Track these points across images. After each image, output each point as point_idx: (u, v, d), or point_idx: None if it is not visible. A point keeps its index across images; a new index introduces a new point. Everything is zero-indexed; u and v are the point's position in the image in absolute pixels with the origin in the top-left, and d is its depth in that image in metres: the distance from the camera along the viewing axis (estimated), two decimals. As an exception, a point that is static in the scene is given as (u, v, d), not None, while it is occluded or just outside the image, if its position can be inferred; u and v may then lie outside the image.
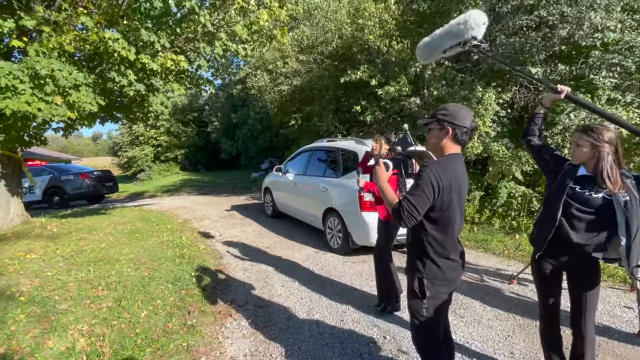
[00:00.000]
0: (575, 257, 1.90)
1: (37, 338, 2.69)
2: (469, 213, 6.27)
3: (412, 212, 1.55)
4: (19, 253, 4.34)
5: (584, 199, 1.84)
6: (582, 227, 1.84)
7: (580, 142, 1.85)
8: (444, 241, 1.68)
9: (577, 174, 1.90)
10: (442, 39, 2.19)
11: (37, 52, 3.79)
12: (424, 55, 2.36)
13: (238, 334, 2.95)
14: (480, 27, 2.06)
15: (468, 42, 2.08)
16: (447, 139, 1.66)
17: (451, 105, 1.69)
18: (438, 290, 1.70)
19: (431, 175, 1.57)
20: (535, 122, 2.17)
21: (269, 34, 5.56)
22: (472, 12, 2.09)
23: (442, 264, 1.69)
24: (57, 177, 11.22)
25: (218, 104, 25.27)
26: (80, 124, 5.15)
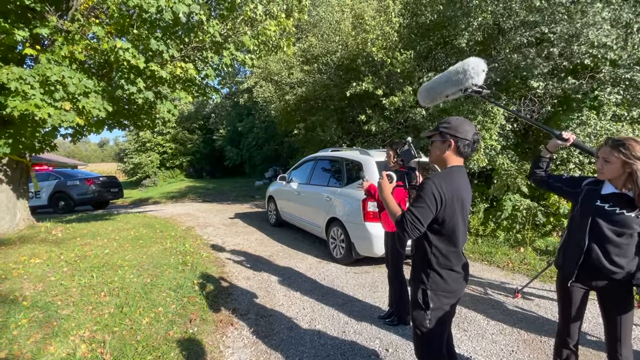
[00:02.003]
0: (610, 282, 1.81)
1: (38, 343, 2.69)
2: (473, 225, 6.23)
3: (415, 223, 1.58)
4: (23, 257, 4.36)
5: (617, 218, 1.73)
6: (615, 250, 1.74)
7: (610, 158, 1.72)
8: (448, 252, 1.68)
9: (602, 191, 1.81)
10: (442, 87, 2.27)
11: (48, 60, 3.88)
12: (426, 100, 2.43)
13: (239, 343, 2.93)
14: (480, 74, 2.13)
15: (469, 88, 2.15)
16: (449, 151, 1.69)
17: (454, 118, 1.72)
18: (442, 301, 1.70)
19: (433, 187, 1.59)
20: (540, 166, 2.15)
21: (275, 44, 5.64)
22: (470, 61, 2.15)
23: (446, 275, 1.69)
24: (63, 182, 11.32)
25: (224, 112, 25.52)
26: (89, 131, 5.22)
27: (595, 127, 5.23)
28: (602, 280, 1.83)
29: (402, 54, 6.91)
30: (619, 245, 1.75)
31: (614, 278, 1.78)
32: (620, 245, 1.75)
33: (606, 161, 1.75)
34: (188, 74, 4.81)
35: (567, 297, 1.97)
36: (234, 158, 23.34)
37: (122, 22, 4.22)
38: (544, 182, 2.13)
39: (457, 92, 2.23)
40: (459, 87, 2.17)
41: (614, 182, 1.77)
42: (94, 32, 3.99)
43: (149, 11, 3.97)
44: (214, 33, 4.60)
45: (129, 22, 4.28)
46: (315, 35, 9.18)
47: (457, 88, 2.18)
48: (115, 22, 4.20)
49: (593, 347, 2.81)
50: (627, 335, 1.82)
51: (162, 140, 25.11)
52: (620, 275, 1.77)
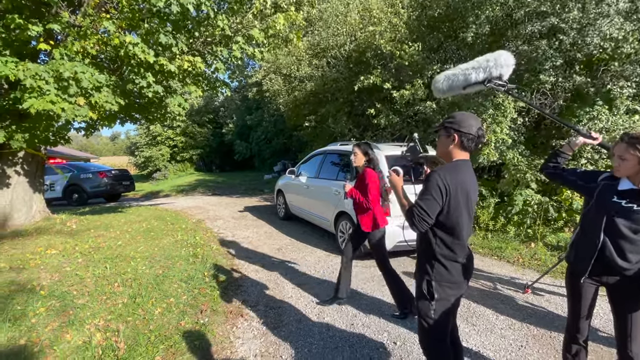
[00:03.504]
0: (621, 279, 1.79)
1: (55, 331, 2.78)
2: (483, 220, 6.18)
3: (423, 216, 1.63)
4: (40, 248, 4.48)
5: (634, 216, 1.69)
6: (629, 247, 1.72)
7: (626, 155, 1.68)
8: (453, 244, 1.71)
9: (619, 187, 1.77)
10: (466, 74, 2.16)
11: (62, 55, 3.94)
12: (441, 89, 2.32)
13: (249, 334, 2.98)
14: (509, 67, 2.07)
15: (493, 80, 2.09)
16: (453, 145, 1.72)
17: (459, 113, 1.75)
18: (446, 292, 1.73)
19: (438, 179, 1.63)
20: (557, 161, 2.11)
21: (284, 37, 5.62)
22: (502, 52, 2.11)
23: (451, 266, 1.72)
24: (77, 175, 11.54)
25: (233, 106, 25.61)
26: (101, 124, 5.31)
27: (607, 121, 5.11)
28: (613, 276, 1.81)
29: (410, 46, 6.82)
30: (634, 242, 1.72)
31: (625, 274, 1.76)
32: (635, 242, 1.72)
33: (622, 159, 1.71)
34: (196, 67, 4.83)
35: (577, 293, 1.96)
36: (243, 152, 23.48)
37: (132, 17, 4.25)
38: (558, 175, 2.10)
39: (479, 84, 2.17)
40: (485, 75, 2.10)
41: (631, 179, 1.74)
42: (105, 27, 4.03)
43: (157, 5, 3.99)
44: (224, 26, 4.61)
45: (138, 17, 4.31)
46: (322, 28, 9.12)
47: (483, 76, 2.11)
48: (125, 17, 4.24)
49: (604, 343, 2.78)
50: (638, 331, 1.80)
51: (172, 133, 25.37)
52: (632, 272, 1.75)
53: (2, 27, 3.85)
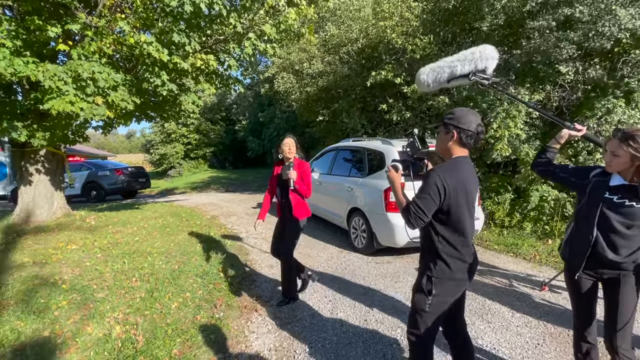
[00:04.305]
0: (616, 273, 1.80)
1: (77, 324, 2.87)
2: (498, 216, 6.08)
3: (419, 214, 1.64)
4: (61, 243, 4.62)
5: (625, 211, 1.70)
6: (622, 242, 1.73)
7: (618, 151, 1.68)
8: (455, 241, 1.72)
9: (610, 183, 1.77)
10: (452, 66, 2.15)
11: (79, 56, 4.02)
12: (426, 81, 2.29)
13: (263, 329, 3.02)
14: (494, 60, 2.08)
15: (477, 73, 2.09)
16: (452, 141, 1.72)
17: (458, 110, 1.74)
18: (446, 289, 1.74)
19: (436, 178, 1.63)
20: (546, 157, 2.11)
21: (296, 32, 5.61)
22: (487, 46, 2.12)
23: (453, 264, 1.72)
24: (95, 172, 11.83)
25: (246, 103, 25.76)
26: (118, 123, 5.41)
27: (624, 114, 4.95)
28: (608, 270, 1.81)
29: (421, 39, 6.73)
30: (628, 237, 1.73)
31: (621, 269, 1.77)
32: (628, 237, 1.73)
33: (614, 154, 1.71)
34: (210, 65, 4.87)
35: (576, 290, 1.96)
36: (255, 148, 23.62)
37: (146, 17, 4.31)
38: (549, 172, 2.09)
39: (463, 78, 2.15)
40: (471, 67, 2.09)
41: (622, 174, 1.74)
42: (120, 27, 4.10)
43: (170, 4, 4.03)
44: (235, 24, 4.63)
45: (152, 16, 4.37)
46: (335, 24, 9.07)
47: (469, 68, 2.10)
48: (140, 17, 4.30)
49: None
50: (628, 327, 1.80)
51: (186, 131, 25.69)
52: (626, 265, 1.75)
53: (22, 28, 3.95)
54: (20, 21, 4.03)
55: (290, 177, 3.22)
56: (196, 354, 2.57)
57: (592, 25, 4.93)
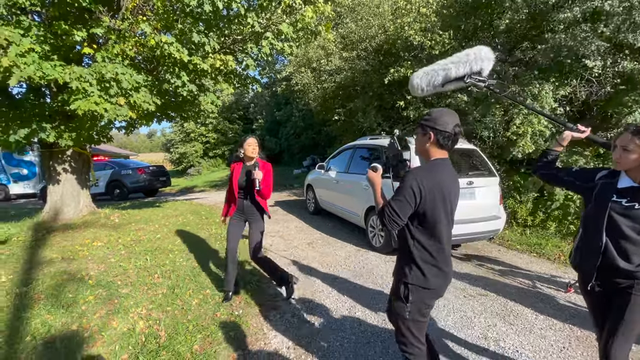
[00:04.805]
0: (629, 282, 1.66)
1: (103, 318, 2.97)
2: (520, 215, 5.92)
3: (393, 216, 1.61)
4: (87, 240, 4.78)
5: (635, 215, 1.58)
6: (633, 249, 1.60)
7: (630, 146, 1.57)
8: (430, 247, 1.68)
9: (618, 185, 1.65)
10: (446, 69, 2.08)
11: (103, 58, 4.15)
12: (419, 85, 2.21)
13: (281, 326, 3.04)
14: (490, 61, 2.02)
15: (473, 75, 2.03)
16: (430, 143, 1.68)
17: (435, 110, 1.71)
18: (422, 296, 1.71)
19: (412, 180, 1.60)
20: (548, 160, 2.00)
21: (313, 30, 5.60)
22: (482, 47, 2.06)
23: (428, 270, 1.69)
24: (118, 171, 12.19)
25: (263, 102, 25.97)
26: (140, 123, 5.55)
27: None
28: (621, 279, 1.67)
29: (440, 35, 6.60)
30: (638, 243, 1.59)
31: (635, 277, 1.62)
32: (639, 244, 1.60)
33: (625, 150, 1.59)
34: (228, 65, 4.92)
35: (591, 300, 1.85)
36: (272, 147, 23.78)
37: (166, 18, 4.40)
38: (553, 176, 1.98)
39: (459, 81, 2.08)
40: (466, 70, 2.03)
41: (631, 175, 1.62)
42: (142, 29, 4.20)
43: (190, 5, 4.10)
44: (253, 23, 4.66)
45: (172, 17, 4.45)
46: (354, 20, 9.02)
47: (464, 70, 2.03)
48: (160, 18, 4.39)
49: None
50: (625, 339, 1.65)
51: (204, 130, 26.13)
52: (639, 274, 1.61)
53: (50, 33, 4.10)
54: (48, 26, 4.18)
55: (257, 178, 3.16)
56: (217, 350, 2.62)
57: (625, 16, 4.70)
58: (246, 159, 3.34)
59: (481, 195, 4.65)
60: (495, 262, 4.56)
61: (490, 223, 4.61)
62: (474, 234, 4.60)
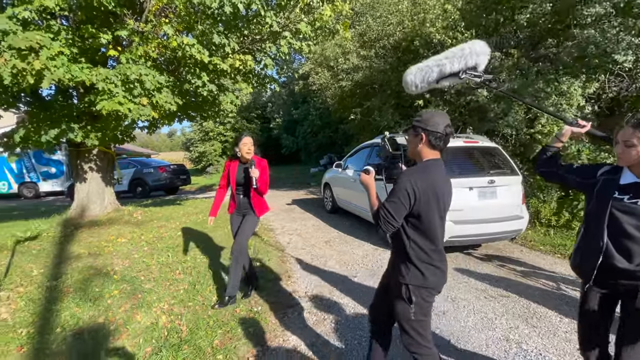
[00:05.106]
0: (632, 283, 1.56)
1: (128, 312, 3.07)
2: (544, 215, 5.75)
3: (388, 218, 1.64)
4: (112, 237, 4.95)
5: (638, 211, 1.50)
6: (635, 248, 1.51)
7: (634, 140, 1.48)
8: (426, 247, 1.71)
9: (620, 181, 1.57)
10: (440, 64, 2.03)
11: (127, 60, 4.27)
12: (413, 82, 2.15)
13: (299, 324, 3.06)
14: (485, 56, 1.98)
15: (468, 70, 1.99)
16: (422, 144, 1.71)
17: (426, 112, 1.74)
18: (423, 295, 1.73)
19: (407, 183, 1.62)
20: (548, 157, 1.92)
21: (331, 28, 5.61)
22: (477, 41, 2.02)
23: (425, 269, 1.71)
24: (140, 170, 12.54)
25: (280, 100, 26.15)
26: (162, 123, 5.70)
27: None
28: (625, 281, 1.58)
29: (463, 33, 6.47)
30: None
31: (637, 278, 1.53)
32: None
33: (628, 145, 1.51)
34: (247, 65, 4.99)
35: (582, 303, 1.76)
36: (290, 146, 23.92)
37: (188, 20, 4.49)
38: (553, 173, 1.90)
39: (454, 77, 2.03)
40: (461, 65, 1.98)
41: (635, 170, 1.53)
42: (164, 31, 4.31)
43: (211, 6, 4.18)
44: (272, 23, 4.70)
45: (194, 19, 4.54)
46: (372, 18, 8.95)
47: (459, 66, 1.98)
48: (182, 20, 4.49)
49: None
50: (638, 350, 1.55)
51: (223, 129, 26.51)
52: None
53: (78, 37, 4.26)
54: (76, 30, 4.34)
55: (253, 176, 3.16)
56: (236, 346, 2.66)
57: None
58: (242, 158, 3.33)
59: (503, 194, 4.55)
60: (517, 263, 4.45)
61: (512, 223, 4.50)
62: (495, 234, 4.51)
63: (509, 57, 6.16)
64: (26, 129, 4.73)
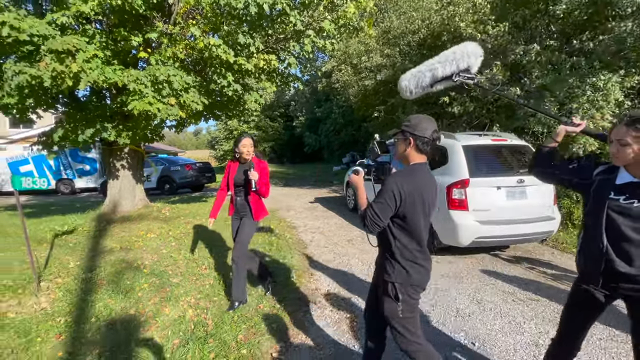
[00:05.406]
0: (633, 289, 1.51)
1: (157, 305, 3.19)
2: (577, 216, 5.50)
3: (375, 219, 1.71)
4: (142, 232, 5.14)
5: (636, 213, 1.44)
6: (635, 251, 1.45)
7: (627, 138, 1.42)
8: (411, 246, 1.77)
9: (616, 181, 1.51)
10: (433, 69, 2.05)
11: (156, 61, 4.42)
12: (408, 87, 2.18)
13: (322, 322, 3.07)
14: (477, 57, 1.99)
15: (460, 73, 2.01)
16: (410, 148, 1.77)
17: (414, 117, 1.80)
18: (409, 292, 1.78)
19: (393, 185, 1.68)
20: (543, 157, 1.85)
21: (355, 26, 5.58)
22: (468, 43, 2.03)
23: (410, 267, 1.77)
24: (168, 167, 12.95)
25: (303, 99, 26.30)
26: (189, 122, 5.86)
27: None
28: (627, 284, 1.51)
29: (494, 27, 6.27)
30: None
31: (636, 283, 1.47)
32: None
33: (622, 143, 1.44)
34: (271, 64, 5.05)
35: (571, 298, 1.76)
36: (312, 144, 24.03)
37: (214, 21, 4.59)
38: (549, 174, 1.85)
39: (447, 80, 2.06)
40: (452, 68, 2.00)
41: (631, 169, 1.47)
42: (191, 33, 4.42)
43: (237, 7, 4.25)
44: (296, 22, 4.73)
45: (220, 20, 4.64)
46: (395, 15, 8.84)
47: (450, 69, 2.01)
48: (209, 21, 4.59)
49: None
50: None
51: (246, 127, 26.96)
52: None
53: (111, 40, 4.45)
54: (109, 33, 4.53)
55: (253, 179, 3.09)
56: (260, 341, 2.71)
57: None
58: (242, 160, 3.30)
59: (533, 194, 4.38)
60: (548, 266, 4.28)
61: (542, 224, 4.34)
62: (524, 235, 4.36)
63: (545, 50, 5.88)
64: (64, 128, 4.99)
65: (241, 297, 3.23)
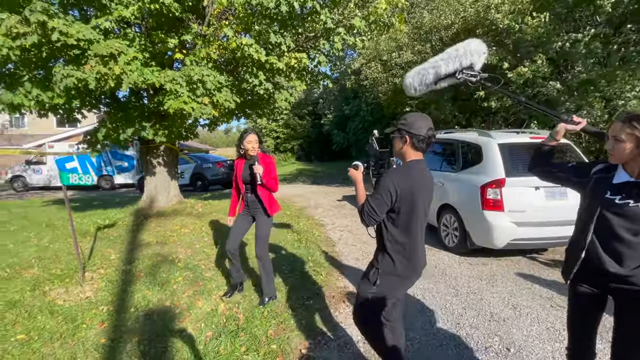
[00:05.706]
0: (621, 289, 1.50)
1: (190, 298, 3.30)
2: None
3: (371, 213, 1.80)
4: (176, 227, 5.34)
5: (630, 213, 1.40)
6: (627, 252, 1.43)
7: (622, 135, 1.41)
8: (403, 242, 1.85)
9: (613, 180, 1.48)
10: (436, 66, 2.08)
11: (191, 62, 4.57)
12: (412, 85, 2.22)
13: (349, 320, 3.06)
14: (481, 55, 2.00)
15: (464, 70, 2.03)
16: (406, 146, 1.84)
17: (410, 115, 1.87)
18: (389, 282, 1.89)
19: (389, 182, 1.76)
20: (542, 155, 1.84)
21: (386, 22, 5.49)
22: (471, 40, 2.03)
23: (398, 261, 1.86)
24: (200, 165, 13.38)
25: (331, 96, 26.27)
26: (222, 121, 6.02)
27: None
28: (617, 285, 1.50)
29: (534, 17, 5.97)
30: (635, 246, 1.41)
31: (630, 283, 1.44)
32: (635, 247, 1.41)
33: (617, 140, 1.44)
34: (302, 63, 5.07)
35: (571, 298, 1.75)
36: (340, 142, 23.96)
37: (246, 20, 4.68)
38: (548, 172, 1.86)
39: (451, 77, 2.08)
40: (456, 66, 2.02)
41: (628, 168, 1.45)
42: (224, 33, 4.53)
43: (268, 6, 4.31)
44: (326, 20, 4.73)
45: (251, 20, 4.72)
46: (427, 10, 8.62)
47: (454, 67, 2.02)
48: (241, 21, 4.68)
49: None
50: None
51: (275, 126, 27.36)
52: (637, 280, 1.41)
53: (149, 42, 4.64)
54: (147, 36, 4.73)
55: (257, 172, 3.05)
56: (289, 337, 2.75)
57: None
58: (247, 156, 3.28)
59: (574, 194, 4.14)
60: (591, 271, 4.04)
61: (585, 227, 4.10)
62: (564, 238, 4.12)
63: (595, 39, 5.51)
64: (106, 128, 5.27)
65: (271, 292, 3.29)
